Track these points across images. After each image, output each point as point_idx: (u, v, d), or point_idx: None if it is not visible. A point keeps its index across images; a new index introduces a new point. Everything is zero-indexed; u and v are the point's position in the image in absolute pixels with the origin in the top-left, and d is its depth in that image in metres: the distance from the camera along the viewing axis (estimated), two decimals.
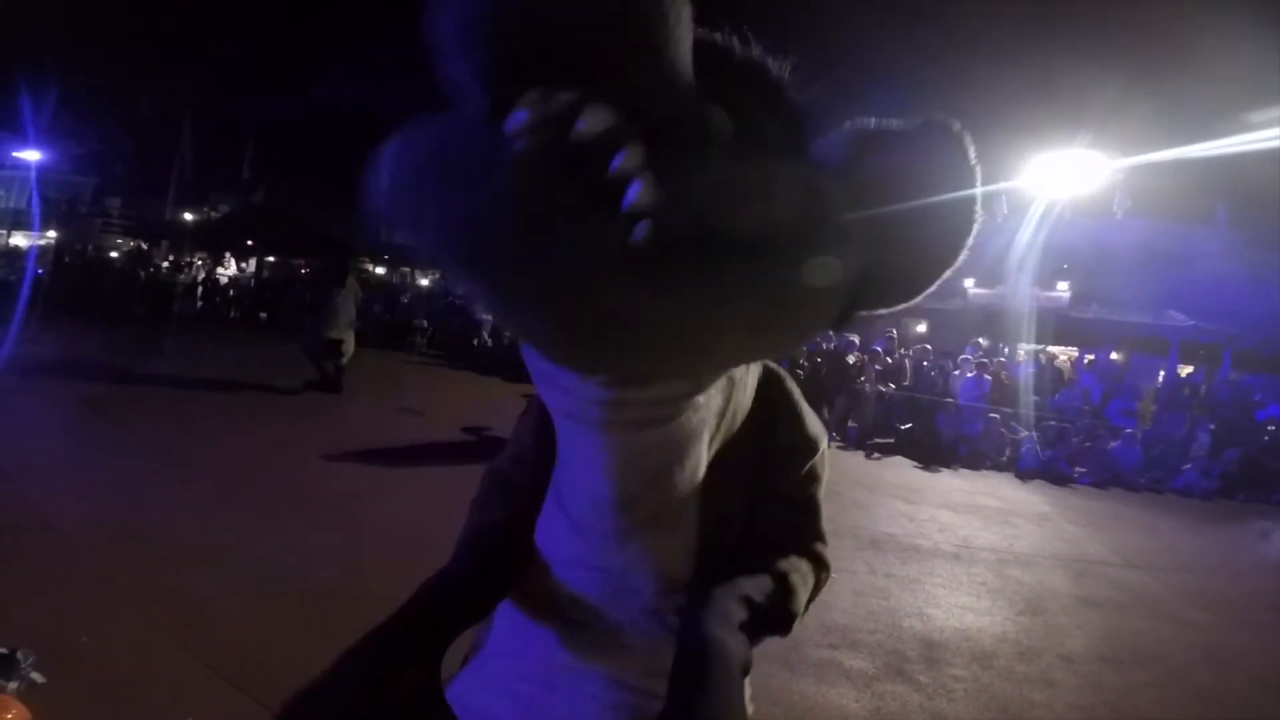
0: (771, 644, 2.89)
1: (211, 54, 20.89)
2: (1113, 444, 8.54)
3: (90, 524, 3.37)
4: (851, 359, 9.49)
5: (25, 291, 10.53)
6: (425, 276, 19.77)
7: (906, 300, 0.66)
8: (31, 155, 19.39)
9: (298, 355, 7.33)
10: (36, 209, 19.22)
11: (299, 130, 21.12)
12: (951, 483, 7.30)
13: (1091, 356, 11.39)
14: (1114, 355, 11.87)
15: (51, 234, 19.52)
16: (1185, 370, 11.52)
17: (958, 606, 3.88)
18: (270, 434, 5.68)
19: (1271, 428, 8.81)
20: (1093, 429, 8.83)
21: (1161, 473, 8.36)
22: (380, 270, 20.04)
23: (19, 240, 18.49)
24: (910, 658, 3.17)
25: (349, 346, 7.18)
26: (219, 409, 6.28)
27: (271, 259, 21.14)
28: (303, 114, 20.78)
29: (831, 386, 9.28)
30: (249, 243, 19.13)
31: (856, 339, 10.61)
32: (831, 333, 7.32)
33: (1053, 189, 13.53)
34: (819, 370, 9.42)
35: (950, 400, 9.01)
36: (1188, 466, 8.36)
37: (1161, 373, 11.09)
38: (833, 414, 9.19)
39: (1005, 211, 16.57)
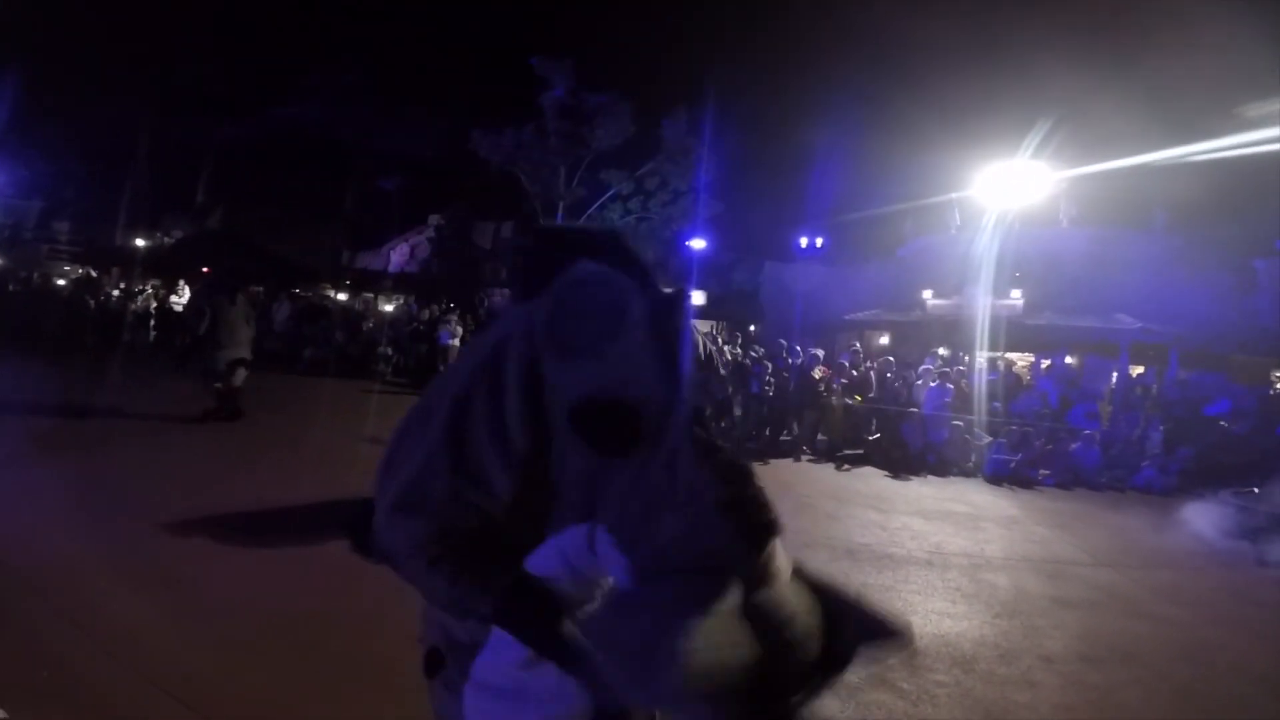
0: None
1: (165, 75, 20.36)
2: (1073, 445, 8.73)
3: (44, 559, 3.19)
4: (818, 373, 9.57)
5: None
6: (388, 302, 19.48)
7: None
8: None
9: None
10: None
11: (255, 153, 20.68)
12: (921, 490, 7.37)
13: (1048, 362, 11.67)
14: (1069, 359, 12.22)
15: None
16: (1136, 371, 11.91)
17: (935, 612, 3.86)
18: (228, 466, 5.46)
19: (1221, 423, 9.10)
20: (1053, 432, 9.01)
21: (1122, 471, 8.56)
22: (341, 296, 19.62)
23: None
24: (891, 666, 3.13)
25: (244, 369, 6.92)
26: (173, 442, 6.02)
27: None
28: (259, 137, 20.39)
29: (799, 401, 9.36)
30: (204, 269, 18.57)
31: (820, 353, 10.75)
32: (797, 347, 7.39)
33: (1002, 200, 13.94)
34: (786, 386, 9.50)
35: (915, 410, 9.12)
36: (1146, 464, 8.57)
37: (1114, 374, 11.41)
38: (802, 428, 9.26)
39: (959, 223, 17.08)
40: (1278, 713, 3.12)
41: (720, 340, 9.70)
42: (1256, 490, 6.51)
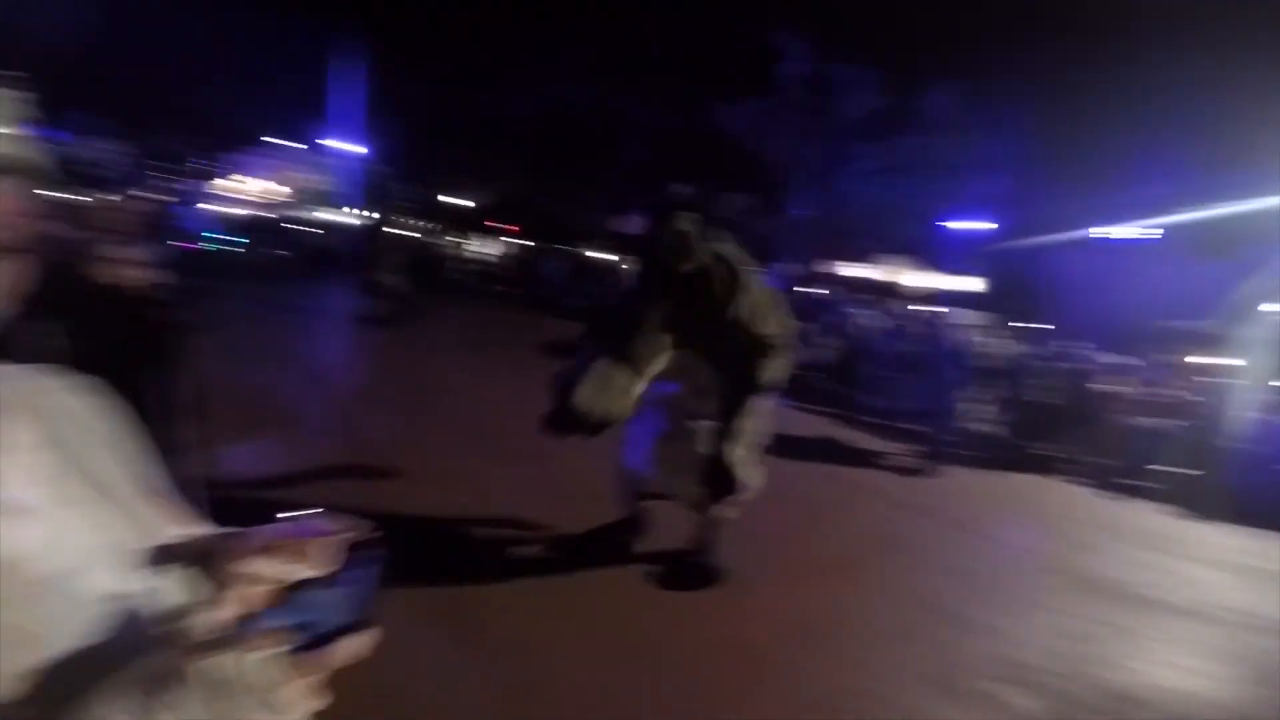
0: (930, 664, 2.70)
1: (468, 61, 24.15)
2: None
3: None
4: (1113, 385, 8.12)
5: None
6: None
7: None
8: (356, 148, 23.98)
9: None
10: (356, 192, 23.61)
11: (537, 129, 23.54)
12: (1219, 539, 5.96)
13: None
14: None
15: (369, 213, 23.95)
16: None
17: (1170, 665, 3.32)
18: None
19: None
20: None
21: None
22: (600, 254, 21.55)
23: (343, 218, 22.72)
24: (1088, 706, 2.73)
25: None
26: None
27: (519, 241, 24.04)
28: (540, 114, 23.17)
29: (1082, 412, 8.03)
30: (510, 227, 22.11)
31: (1125, 361, 9.00)
32: (1092, 351, 6.43)
33: None
34: (1073, 392, 8.19)
35: (1242, 444, 7.32)
36: None
37: None
38: (1080, 444, 7.86)
39: None
40: None
41: (987, 333, 8.61)
42: None
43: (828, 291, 15.03)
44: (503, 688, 2.37)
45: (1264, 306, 11.92)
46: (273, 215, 20.69)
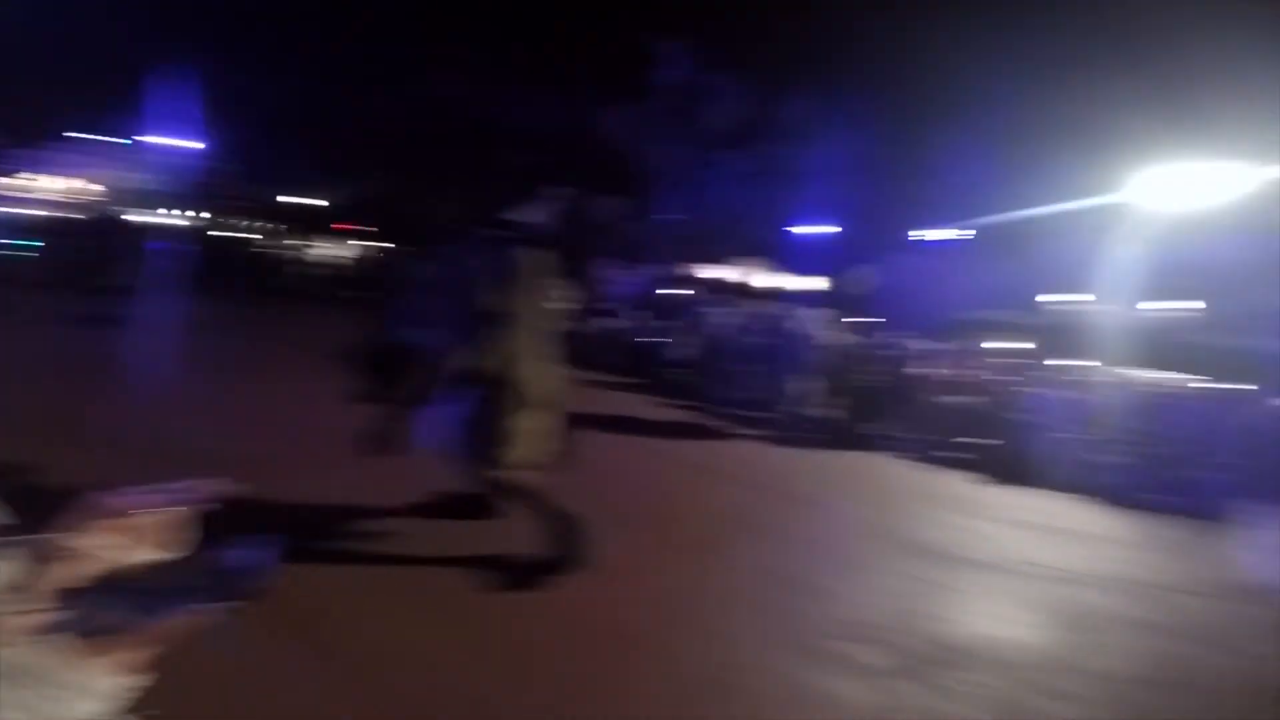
0: (789, 631, 2.99)
1: (319, 55, 22.60)
2: (1209, 472, 7.81)
3: None
4: (925, 369, 9.18)
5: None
6: None
7: None
8: (190, 144, 21.69)
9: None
10: (187, 191, 21.42)
11: (398, 127, 22.48)
12: (1022, 500, 6.87)
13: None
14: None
15: (199, 213, 21.79)
16: None
17: (991, 616, 3.88)
18: None
19: None
20: (1191, 455, 8.08)
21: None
22: None
23: (167, 219, 20.55)
24: (929, 659, 3.13)
25: None
26: None
27: (368, 243, 23.00)
28: (416, 111, 22.12)
29: (898, 394, 9.02)
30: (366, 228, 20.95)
31: (932, 346, 10.22)
32: (909, 340, 7.33)
33: (1170, 202, 12.27)
34: (892, 376, 9.18)
35: (1029, 416, 8.52)
36: None
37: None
38: (895, 422, 8.81)
39: (1111, 226, 15.92)
40: None
41: (823, 324, 9.56)
42: None
43: (691, 292, 15.67)
44: (361, 701, 2.34)
45: (1042, 297, 13.96)
46: (81, 216, 18.37)
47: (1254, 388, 8.65)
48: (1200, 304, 14.59)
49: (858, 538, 4.99)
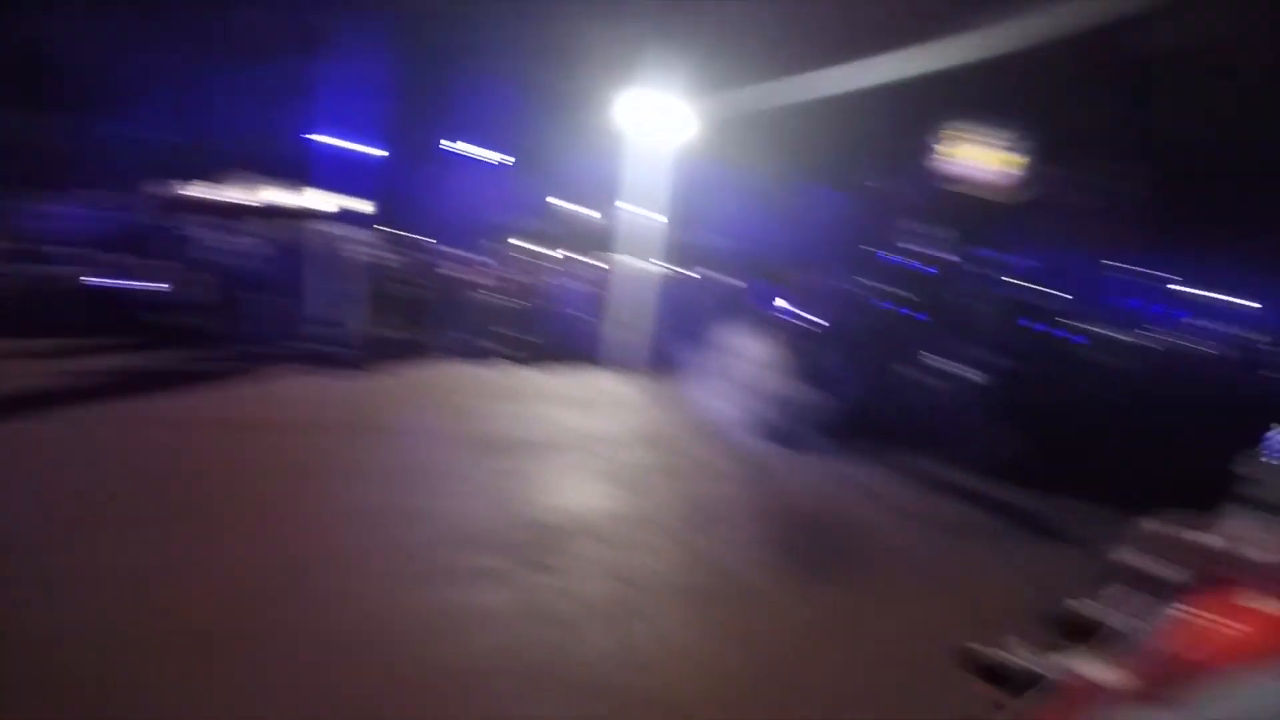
0: (407, 561, 2.73)
1: None
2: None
3: None
4: (463, 273, 9.63)
5: None
6: None
7: None
8: None
9: None
10: None
11: None
12: (558, 381, 7.81)
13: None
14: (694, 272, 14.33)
15: None
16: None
17: (572, 490, 4.33)
18: None
19: None
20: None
21: None
22: None
23: None
24: (540, 547, 3.37)
25: None
26: None
27: None
28: None
29: (444, 300, 9.25)
30: None
31: (469, 255, 10.80)
32: (446, 247, 7.36)
33: (651, 129, 14.73)
34: (437, 286, 9.37)
35: (556, 306, 9.74)
36: None
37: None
38: (445, 327, 8.97)
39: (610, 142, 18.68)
40: (834, 536, 4.10)
41: (371, 246, 9.05)
42: None
43: (201, 223, 12.72)
44: None
45: (554, 201, 15.91)
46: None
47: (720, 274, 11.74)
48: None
49: (433, 449, 4.89)
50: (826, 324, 7.45)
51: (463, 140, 20.28)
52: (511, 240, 13.92)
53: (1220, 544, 1.40)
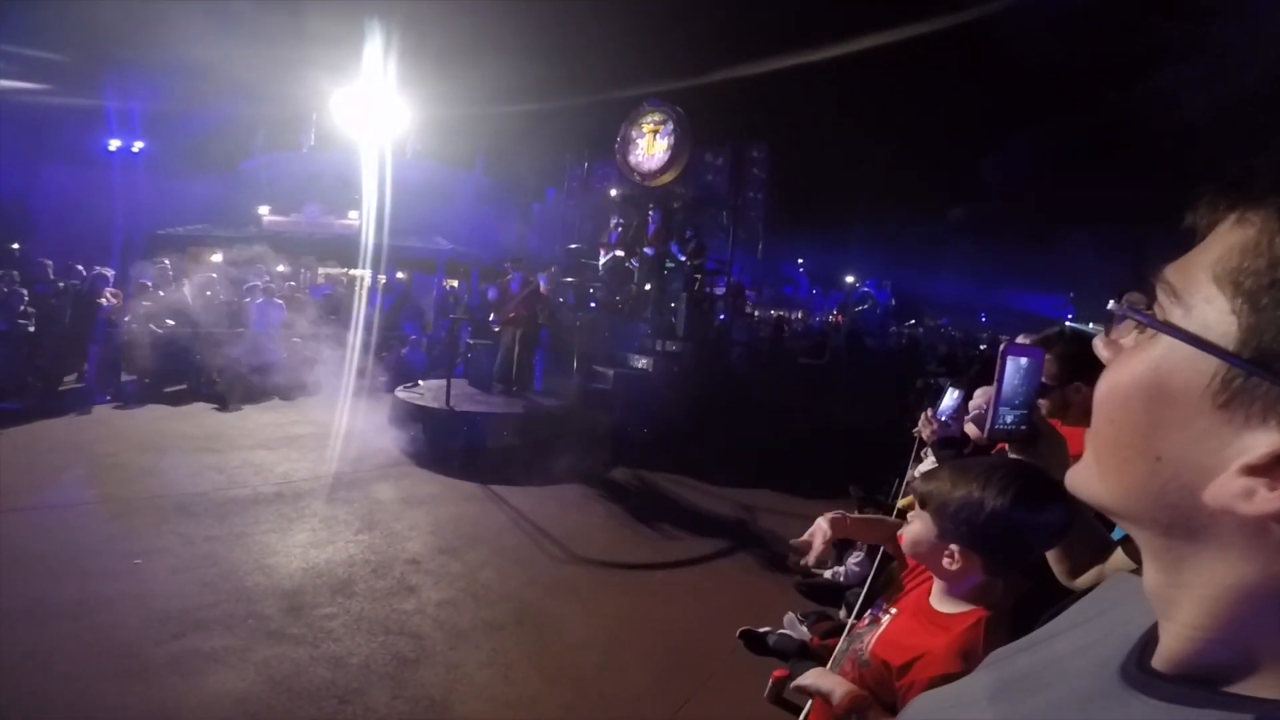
0: (120, 656, 2.14)
1: None
2: (403, 350, 9.59)
3: None
4: (105, 299, 7.54)
5: None
6: None
7: None
8: None
9: None
10: None
11: None
12: (262, 419, 6.95)
13: (383, 276, 12.48)
14: (399, 274, 13.37)
15: None
16: (450, 284, 14.01)
17: (299, 546, 3.87)
18: None
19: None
20: (386, 340, 9.63)
21: (443, 370, 9.83)
22: None
23: None
24: (273, 615, 2.86)
25: None
26: None
27: None
28: None
29: (84, 334, 7.23)
30: None
31: (110, 273, 8.36)
32: (79, 268, 5.84)
33: (358, 126, 13.53)
34: (61, 317, 7.19)
35: (243, 330, 8.28)
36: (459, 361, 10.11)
37: (435, 289, 13.10)
38: (91, 369, 7.15)
39: (312, 143, 17.72)
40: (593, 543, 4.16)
41: None
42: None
43: None
44: None
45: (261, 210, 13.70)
46: None
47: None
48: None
49: (121, 520, 3.96)
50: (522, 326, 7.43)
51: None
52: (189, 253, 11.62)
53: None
